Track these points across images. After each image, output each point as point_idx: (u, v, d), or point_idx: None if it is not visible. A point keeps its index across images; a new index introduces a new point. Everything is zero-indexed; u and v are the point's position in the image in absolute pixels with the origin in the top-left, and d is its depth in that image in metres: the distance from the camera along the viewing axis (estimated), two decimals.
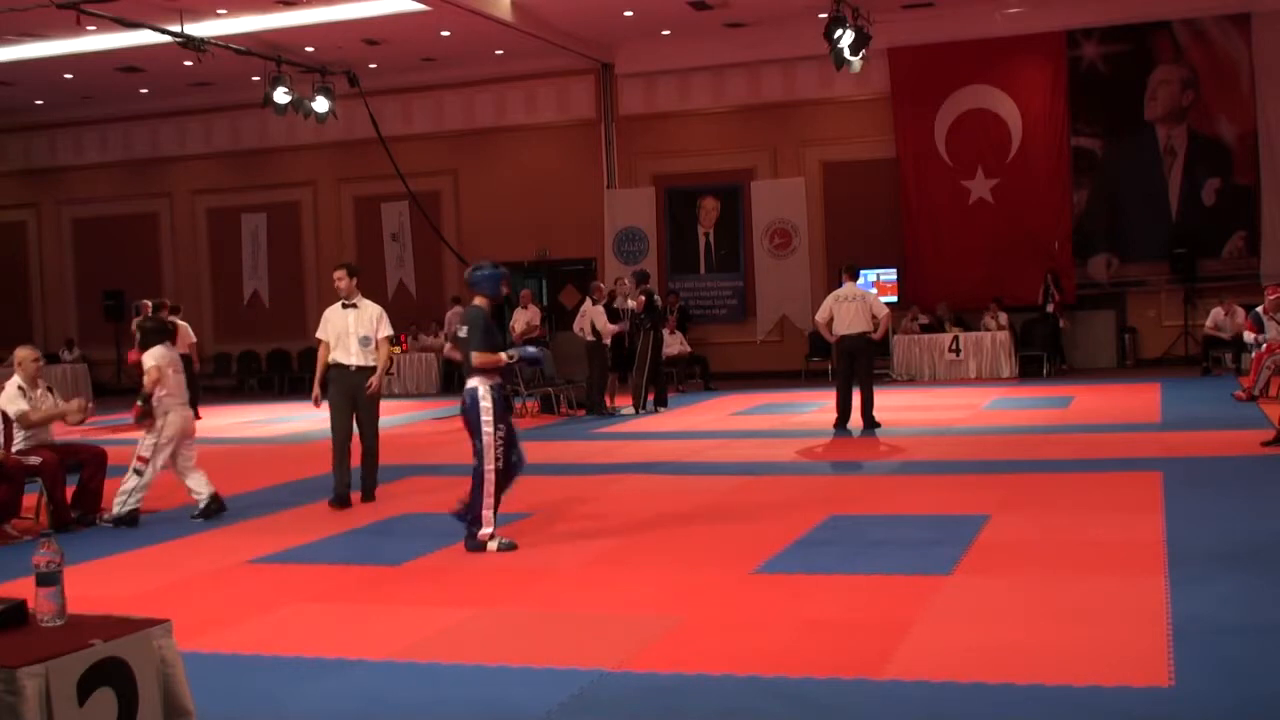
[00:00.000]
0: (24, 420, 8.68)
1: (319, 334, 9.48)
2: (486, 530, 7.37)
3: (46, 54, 19.53)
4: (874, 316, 12.71)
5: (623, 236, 21.64)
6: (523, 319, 18.33)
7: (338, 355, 9.33)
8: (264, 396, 21.76)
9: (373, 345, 9.37)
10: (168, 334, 9.23)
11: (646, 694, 4.66)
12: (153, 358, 8.81)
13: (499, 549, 7.31)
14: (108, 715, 3.39)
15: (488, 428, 7.33)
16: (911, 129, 20.12)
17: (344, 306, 9.44)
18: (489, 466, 7.34)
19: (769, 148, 21.10)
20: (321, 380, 9.39)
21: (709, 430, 13.65)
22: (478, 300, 7.60)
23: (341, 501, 9.24)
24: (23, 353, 8.89)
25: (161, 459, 8.81)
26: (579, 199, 21.80)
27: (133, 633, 3.55)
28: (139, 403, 8.79)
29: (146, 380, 8.77)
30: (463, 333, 7.53)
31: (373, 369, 9.37)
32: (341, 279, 9.47)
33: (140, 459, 8.79)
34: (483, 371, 7.41)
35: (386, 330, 9.44)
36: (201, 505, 8.94)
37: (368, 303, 9.54)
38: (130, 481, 8.77)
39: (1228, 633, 5.08)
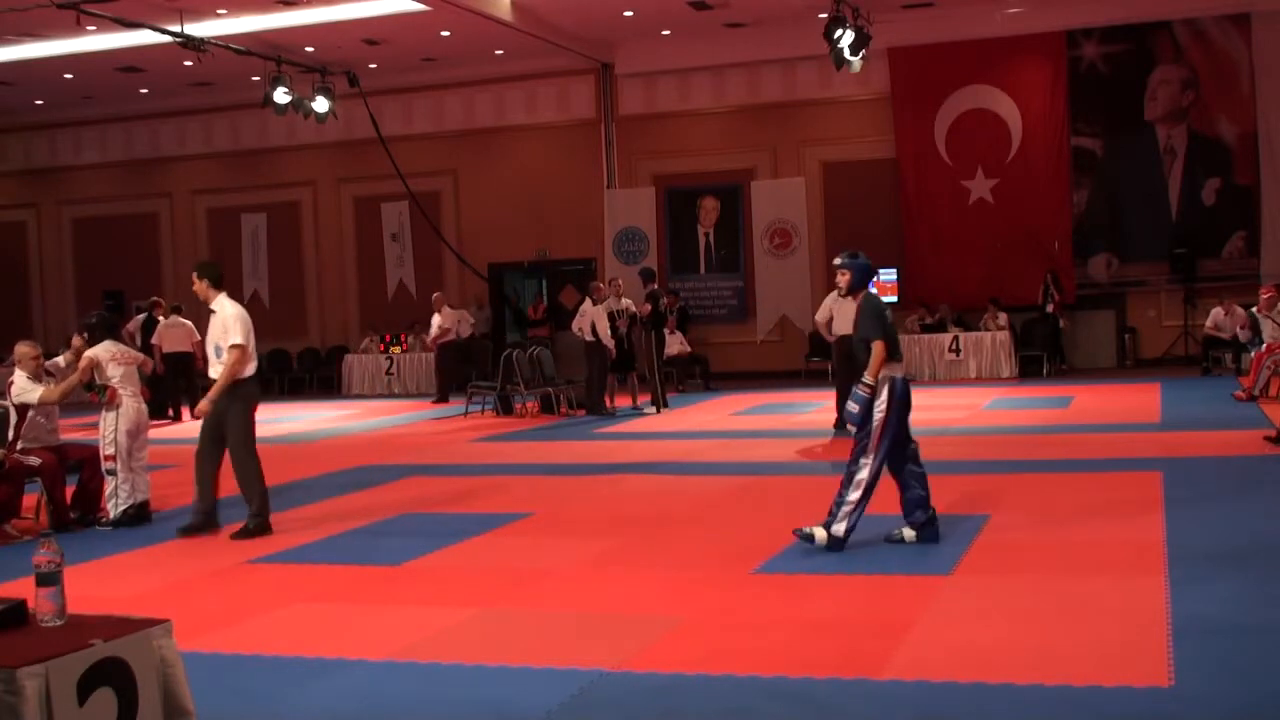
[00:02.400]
0: (46, 401, 8.69)
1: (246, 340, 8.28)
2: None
3: (46, 54, 19.53)
4: None
5: (623, 236, 21.64)
6: (434, 323, 18.20)
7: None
8: (264, 396, 21.70)
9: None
10: (112, 330, 9.33)
11: (646, 694, 4.66)
12: (93, 351, 8.84)
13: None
14: (108, 715, 3.39)
15: None
16: (911, 129, 20.12)
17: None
18: None
19: (769, 148, 21.10)
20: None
21: (709, 430, 13.65)
22: None
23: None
24: (23, 349, 8.88)
25: (124, 450, 8.76)
26: (579, 199, 21.80)
27: (133, 633, 3.55)
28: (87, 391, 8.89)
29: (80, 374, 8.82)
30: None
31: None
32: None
33: (108, 458, 8.78)
34: None
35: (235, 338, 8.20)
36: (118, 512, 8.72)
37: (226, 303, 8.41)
38: (110, 484, 8.77)
39: (1228, 633, 5.08)
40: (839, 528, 6.90)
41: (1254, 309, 14.26)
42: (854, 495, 6.90)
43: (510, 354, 16.19)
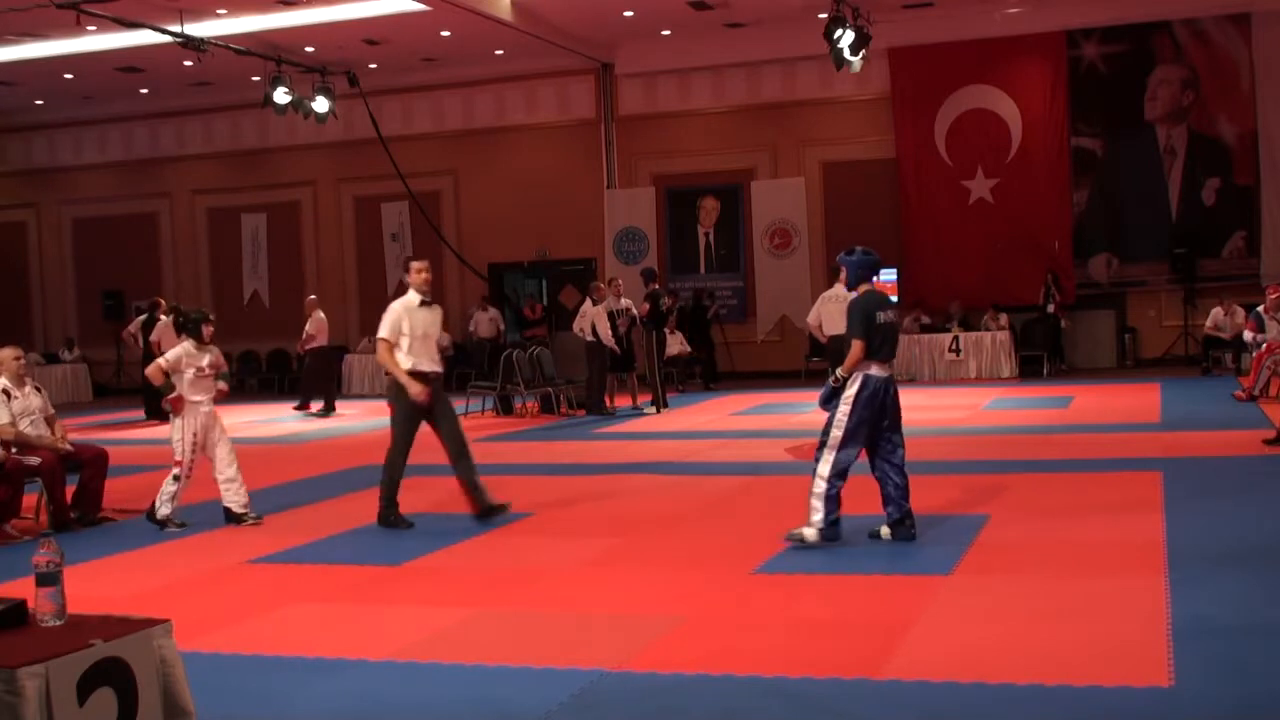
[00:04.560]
0: (2, 433, 8.47)
1: (386, 333, 8.18)
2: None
3: (46, 54, 19.53)
4: None
5: (623, 236, 21.64)
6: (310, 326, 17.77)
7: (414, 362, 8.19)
8: (264, 396, 21.75)
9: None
10: (195, 330, 8.83)
11: (646, 694, 4.65)
12: (173, 354, 8.70)
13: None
14: (108, 715, 3.39)
15: None
16: (911, 129, 20.12)
17: (422, 304, 8.31)
18: None
19: (769, 148, 21.11)
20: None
21: (709, 430, 13.65)
22: None
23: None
24: (4, 353, 8.72)
25: (189, 458, 8.60)
26: (579, 199, 21.80)
27: (133, 633, 3.55)
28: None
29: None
30: None
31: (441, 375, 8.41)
32: (422, 271, 8.34)
33: (175, 463, 8.63)
34: None
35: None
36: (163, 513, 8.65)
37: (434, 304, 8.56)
38: (170, 487, 8.62)
39: (1228, 633, 5.08)
40: (818, 519, 6.99)
41: (1260, 309, 14.25)
42: (820, 488, 7.02)
43: (510, 354, 16.19)
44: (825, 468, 7.01)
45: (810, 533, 7.01)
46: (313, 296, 18.82)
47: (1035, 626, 5.33)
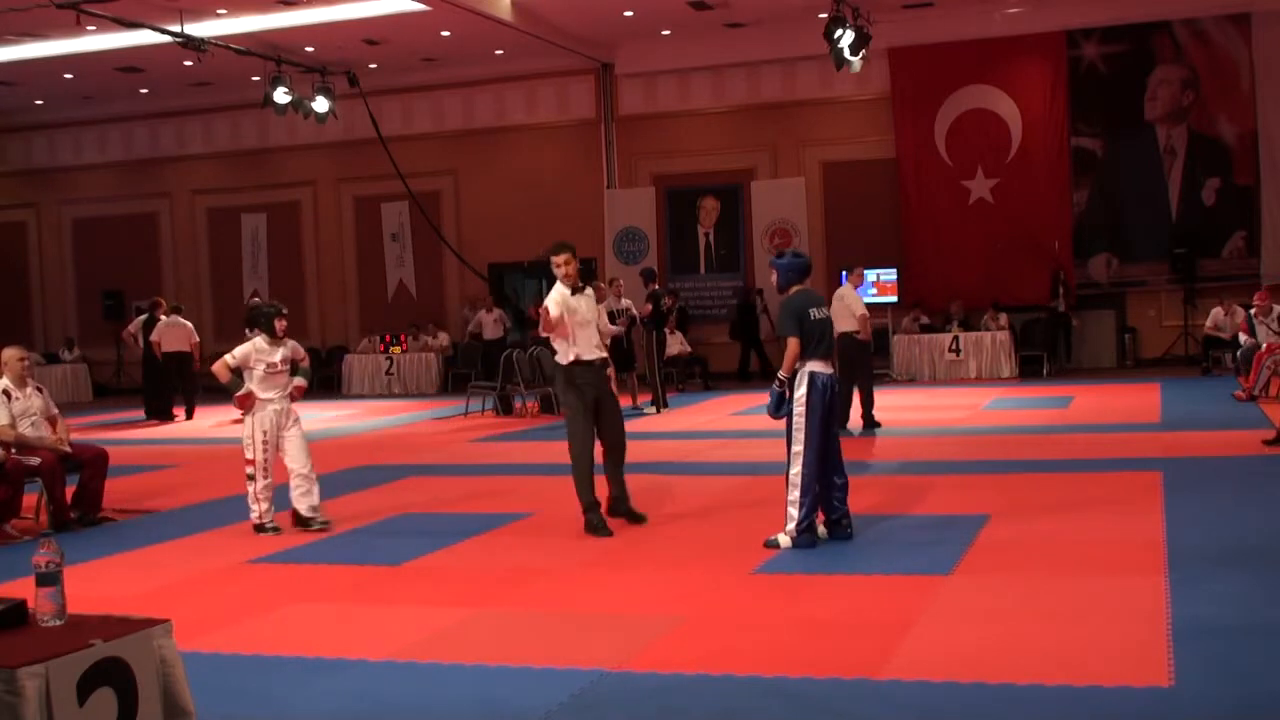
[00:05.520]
0: (2, 438, 8.46)
1: (556, 329, 8.04)
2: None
3: (46, 54, 19.53)
4: (855, 316, 12.69)
5: (623, 236, 21.64)
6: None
7: (584, 351, 7.99)
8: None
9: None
10: (267, 325, 8.56)
11: (646, 694, 4.66)
12: (242, 350, 8.46)
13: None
14: (108, 715, 3.39)
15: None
16: (911, 129, 20.12)
17: (575, 293, 8.12)
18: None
19: (769, 148, 21.11)
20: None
21: (709, 430, 13.65)
22: None
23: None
24: (8, 353, 8.72)
25: (263, 457, 8.32)
26: (579, 199, 21.80)
27: (133, 633, 3.55)
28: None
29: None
30: None
31: (607, 363, 8.11)
32: (570, 262, 8.17)
33: (247, 463, 8.35)
34: None
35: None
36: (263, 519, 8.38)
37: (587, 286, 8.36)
38: (249, 489, 8.35)
39: (1228, 633, 5.08)
40: (793, 526, 7.05)
41: (1251, 311, 14.27)
42: (795, 495, 7.07)
43: (510, 354, 16.19)
44: (797, 475, 7.07)
45: (785, 539, 7.08)
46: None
47: (1035, 626, 5.33)
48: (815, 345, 7.10)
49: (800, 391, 7.08)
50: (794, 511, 7.05)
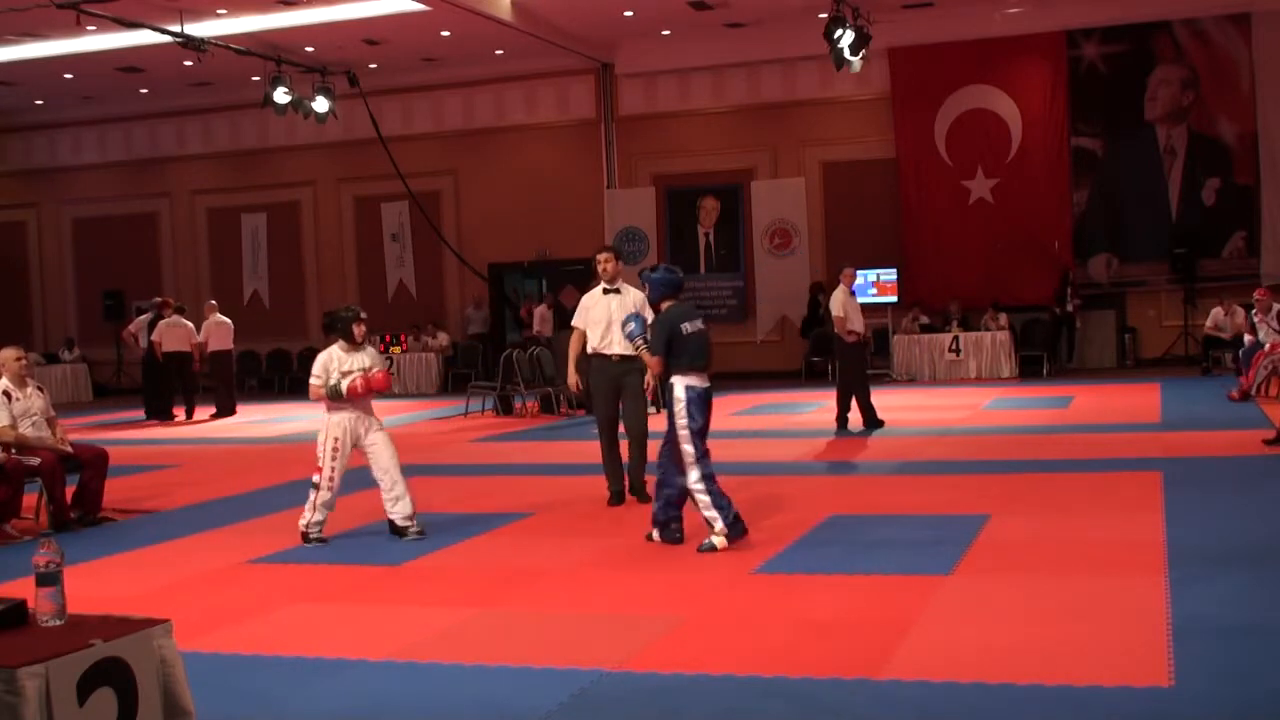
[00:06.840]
0: (2, 435, 8.45)
1: (576, 322, 8.96)
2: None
3: (46, 54, 19.54)
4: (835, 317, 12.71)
5: (623, 236, 21.63)
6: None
7: (599, 345, 8.74)
8: (264, 396, 21.75)
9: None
10: (345, 330, 7.97)
11: (646, 694, 4.65)
12: (324, 357, 7.97)
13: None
14: (108, 715, 3.39)
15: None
16: (911, 129, 20.12)
17: (605, 292, 8.89)
18: None
19: (769, 148, 21.11)
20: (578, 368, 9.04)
21: (709, 430, 13.61)
22: None
23: (619, 498, 8.82)
24: (5, 354, 8.69)
25: (330, 465, 7.83)
26: (579, 199, 21.80)
27: (133, 633, 3.55)
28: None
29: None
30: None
31: (634, 358, 8.36)
32: (607, 260, 8.97)
33: (316, 469, 7.88)
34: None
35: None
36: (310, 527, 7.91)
37: (630, 288, 8.93)
38: (310, 496, 7.88)
39: (1228, 633, 5.08)
40: (719, 527, 7.13)
41: (1252, 311, 14.26)
42: (704, 499, 7.17)
43: (510, 354, 16.19)
44: (696, 481, 7.17)
45: (719, 540, 7.12)
46: (212, 301, 18.62)
47: (1035, 626, 5.32)
48: (691, 359, 7.25)
49: (679, 394, 7.21)
50: (712, 514, 7.14)
